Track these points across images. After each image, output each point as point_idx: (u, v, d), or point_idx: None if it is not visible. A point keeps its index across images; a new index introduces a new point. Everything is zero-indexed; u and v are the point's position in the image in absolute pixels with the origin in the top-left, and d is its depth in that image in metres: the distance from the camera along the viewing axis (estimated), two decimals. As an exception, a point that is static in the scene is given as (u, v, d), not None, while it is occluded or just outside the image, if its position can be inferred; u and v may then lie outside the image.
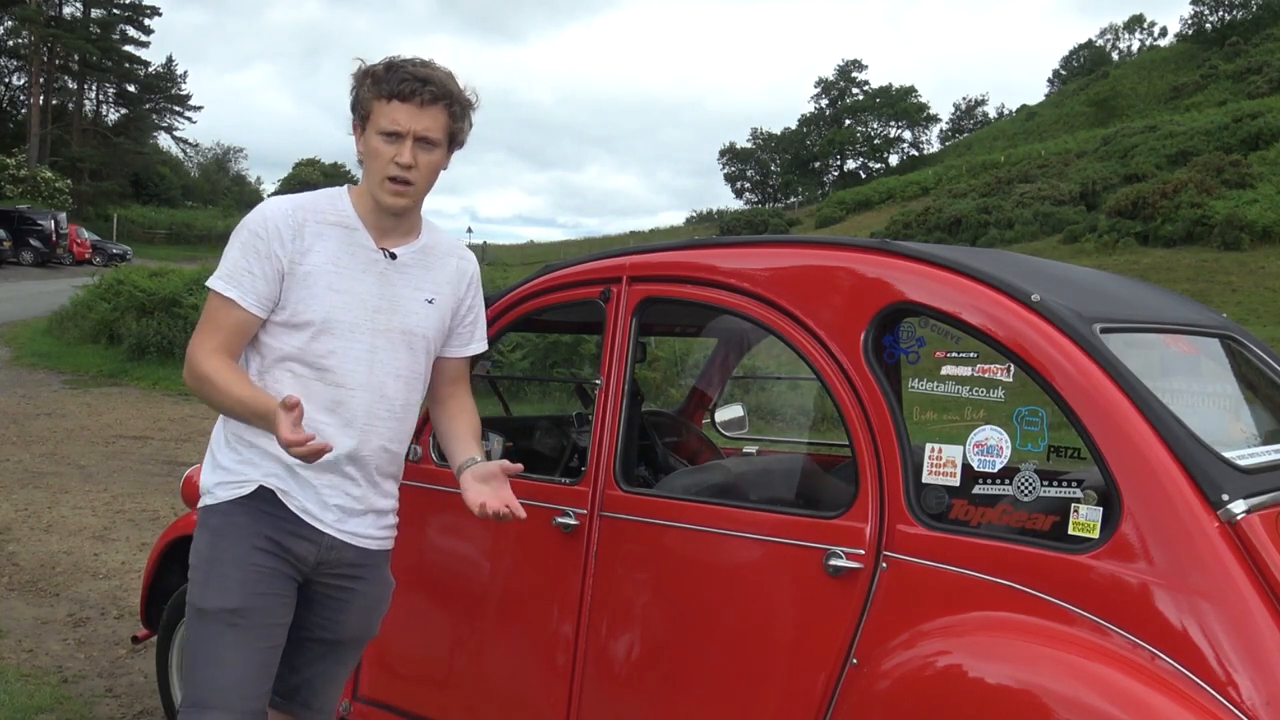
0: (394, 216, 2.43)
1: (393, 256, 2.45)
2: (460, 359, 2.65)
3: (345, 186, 2.50)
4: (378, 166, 2.36)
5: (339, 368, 2.38)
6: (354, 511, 2.45)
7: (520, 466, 2.44)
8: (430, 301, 2.49)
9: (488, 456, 3.34)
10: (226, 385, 2.30)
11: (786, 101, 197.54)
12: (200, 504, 2.47)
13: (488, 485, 2.39)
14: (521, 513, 2.36)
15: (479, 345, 2.68)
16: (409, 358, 2.47)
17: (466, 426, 2.60)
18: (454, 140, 2.43)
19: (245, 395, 2.29)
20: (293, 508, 2.39)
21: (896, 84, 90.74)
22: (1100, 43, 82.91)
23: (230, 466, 2.42)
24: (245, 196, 68.33)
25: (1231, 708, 1.93)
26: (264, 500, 2.38)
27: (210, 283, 2.39)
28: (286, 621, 2.42)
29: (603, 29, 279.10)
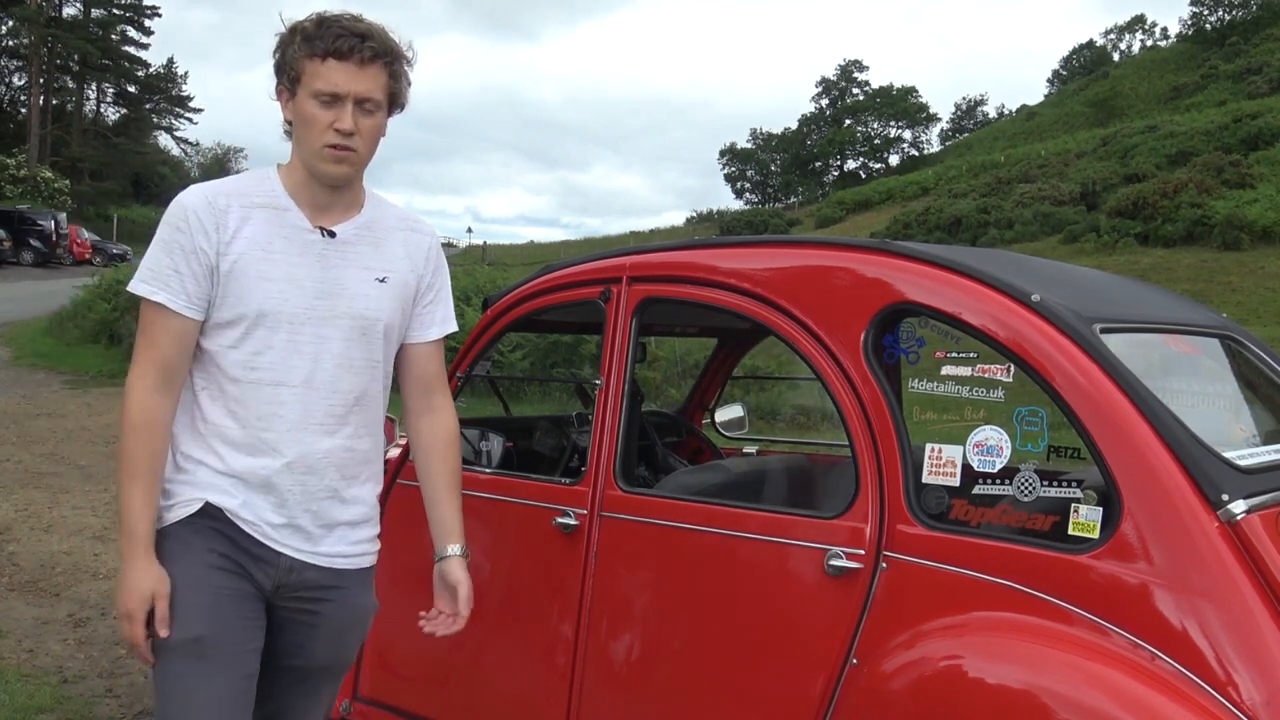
0: (332, 190, 2.17)
1: (331, 235, 2.18)
2: (425, 346, 2.35)
3: (274, 165, 2.23)
4: (314, 133, 2.10)
5: (277, 364, 2.12)
6: (315, 529, 2.19)
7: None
8: (383, 280, 2.22)
9: (487, 458, 3.37)
10: (133, 468, 2.06)
11: (787, 102, 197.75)
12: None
13: (444, 592, 2.38)
14: (457, 626, 2.38)
15: (442, 328, 2.38)
16: (363, 346, 2.20)
17: (444, 487, 2.38)
18: (395, 102, 2.18)
19: (136, 501, 2.05)
20: (245, 527, 2.13)
21: (897, 84, 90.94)
22: (1102, 43, 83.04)
23: (174, 489, 2.14)
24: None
25: (1231, 708, 1.93)
26: (214, 518, 2.12)
27: (133, 287, 2.12)
28: (258, 646, 2.16)
29: (616, 27, 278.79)
